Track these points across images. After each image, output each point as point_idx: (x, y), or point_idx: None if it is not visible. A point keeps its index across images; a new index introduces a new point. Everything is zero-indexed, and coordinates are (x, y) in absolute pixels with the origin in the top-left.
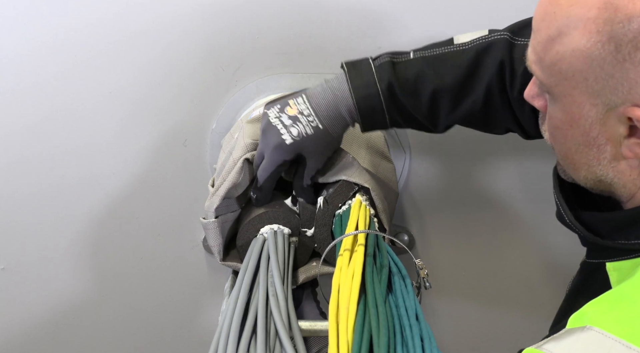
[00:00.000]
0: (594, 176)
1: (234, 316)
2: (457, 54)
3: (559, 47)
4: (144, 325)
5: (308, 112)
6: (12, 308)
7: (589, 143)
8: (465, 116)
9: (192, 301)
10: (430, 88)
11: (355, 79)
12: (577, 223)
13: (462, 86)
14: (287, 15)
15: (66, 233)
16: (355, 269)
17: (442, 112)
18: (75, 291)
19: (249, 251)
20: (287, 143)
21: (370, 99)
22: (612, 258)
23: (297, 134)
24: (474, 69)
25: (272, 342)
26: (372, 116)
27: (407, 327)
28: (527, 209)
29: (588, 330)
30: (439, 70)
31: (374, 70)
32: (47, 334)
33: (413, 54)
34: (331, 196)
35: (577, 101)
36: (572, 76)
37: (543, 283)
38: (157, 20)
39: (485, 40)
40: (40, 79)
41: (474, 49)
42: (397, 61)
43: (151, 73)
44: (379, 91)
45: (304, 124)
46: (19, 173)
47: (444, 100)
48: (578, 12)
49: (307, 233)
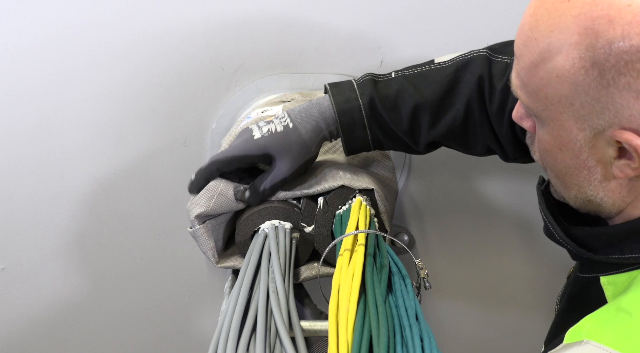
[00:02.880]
0: (585, 196)
1: (234, 314)
2: (438, 71)
3: (543, 73)
4: (144, 325)
5: (282, 115)
6: (12, 308)
7: (579, 166)
8: (446, 132)
9: (192, 301)
10: (410, 103)
11: (337, 95)
12: (567, 239)
13: (442, 100)
14: (287, 15)
15: (66, 233)
16: (356, 269)
17: (422, 128)
18: (75, 291)
19: (250, 247)
20: (255, 137)
21: (352, 113)
22: (606, 272)
23: (267, 131)
24: (453, 84)
25: (272, 340)
26: (353, 130)
27: (407, 327)
28: (527, 209)
29: (585, 343)
30: (420, 86)
31: (356, 86)
32: (47, 334)
33: (395, 74)
34: (331, 197)
35: (565, 126)
36: (558, 102)
37: (543, 283)
38: (158, 21)
39: (465, 58)
40: (41, 79)
41: (454, 66)
42: (379, 80)
43: (151, 73)
44: (360, 105)
45: (275, 123)
46: (19, 173)
47: (424, 115)
48: (559, 37)
49: (306, 230)
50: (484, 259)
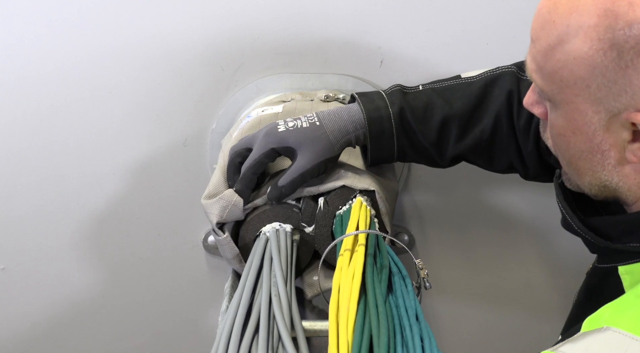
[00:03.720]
0: (599, 181)
1: (236, 318)
2: (466, 85)
3: (560, 55)
4: (143, 324)
5: (311, 115)
6: (12, 308)
7: (592, 149)
8: (473, 145)
9: (192, 301)
10: (440, 115)
11: (367, 103)
12: (585, 229)
13: (471, 114)
14: (287, 15)
15: (66, 233)
16: (356, 269)
17: (450, 140)
18: (75, 291)
19: (252, 251)
20: (279, 130)
21: (382, 122)
22: (624, 262)
23: (293, 126)
24: (482, 98)
25: (275, 343)
26: (381, 139)
27: (407, 327)
28: (528, 209)
29: (605, 330)
30: (449, 99)
31: (385, 96)
32: (47, 334)
33: (422, 87)
34: (332, 197)
35: (580, 108)
36: (574, 84)
37: (543, 283)
38: (157, 21)
39: (494, 73)
40: (41, 79)
41: (482, 80)
42: (408, 91)
43: (151, 73)
44: (390, 114)
45: (302, 120)
46: (19, 173)
47: (453, 127)
48: (578, 20)
49: (306, 230)
50: (484, 259)
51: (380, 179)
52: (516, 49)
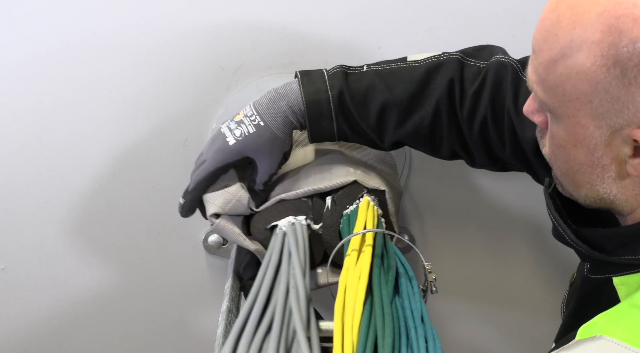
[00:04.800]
0: (596, 194)
1: (253, 311)
2: (409, 69)
3: (562, 69)
4: (143, 324)
5: (251, 113)
6: (12, 308)
7: (592, 163)
8: (412, 132)
9: (192, 301)
10: (379, 100)
11: (307, 85)
12: (579, 241)
13: (411, 100)
14: (287, 15)
15: (66, 233)
16: (363, 269)
17: (389, 126)
18: (75, 291)
19: (270, 246)
20: (230, 144)
21: (320, 105)
22: (619, 273)
23: (240, 134)
24: (423, 85)
25: (289, 338)
26: (320, 121)
27: (413, 328)
28: (528, 209)
29: (599, 339)
30: (390, 84)
31: (327, 78)
32: (47, 334)
33: (366, 68)
34: (340, 196)
35: (581, 123)
36: (576, 98)
37: (544, 283)
38: (157, 21)
39: (437, 59)
40: (41, 79)
41: (425, 66)
42: (350, 73)
43: (151, 73)
44: (329, 97)
45: (246, 124)
46: (19, 173)
47: (392, 113)
48: (581, 34)
49: (313, 227)
50: (484, 259)
51: (387, 177)
52: (516, 49)
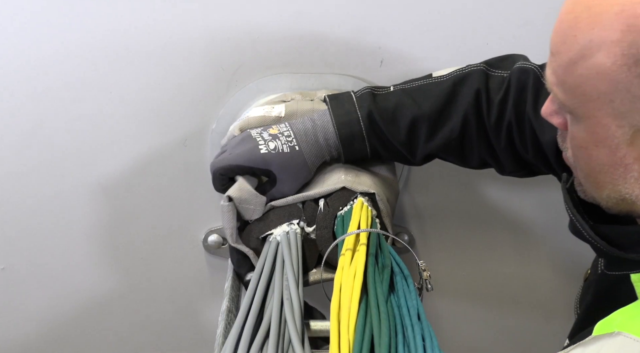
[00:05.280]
0: (618, 194)
1: (247, 320)
2: (435, 85)
3: (582, 70)
4: (143, 324)
5: (288, 133)
6: (12, 308)
7: (615, 163)
8: (443, 144)
9: (192, 301)
10: (409, 116)
11: (337, 108)
12: (597, 238)
13: (440, 114)
14: (287, 15)
15: (66, 233)
16: (357, 268)
17: (420, 140)
18: (75, 291)
19: (263, 254)
20: (262, 152)
21: (351, 126)
22: (636, 270)
23: (274, 148)
24: (451, 97)
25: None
26: (352, 143)
27: (409, 326)
28: (528, 209)
29: (617, 335)
30: (418, 99)
31: (355, 100)
32: (46, 334)
33: (393, 88)
34: (332, 199)
35: (602, 122)
36: (596, 98)
37: (544, 283)
38: (157, 21)
39: (462, 72)
40: (41, 79)
41: (451, 80)
42: (377, 93)
43: (151, 73)
44: (359, 117)
45: (282, 142)
46: (19, 173)
47: (422, 128)
48: (600, 34)
49: (306, 229)
50: (484, 259)
51: (381, 179)
52: (516, 49)
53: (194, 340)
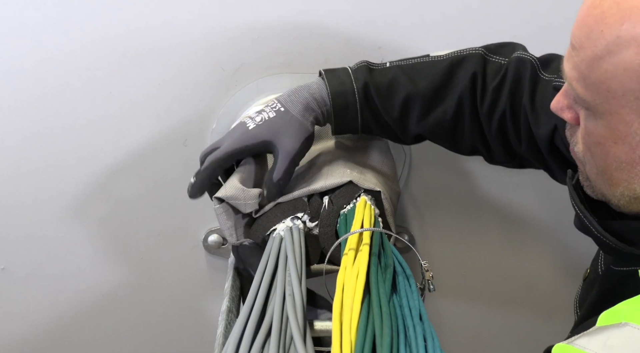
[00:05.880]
0: (632, 192)
1: (250, 318)
2: (432, 64)
3: (608, 66)
4: (143, 324)
5: (272, 102)
6: (12, 308)
7: (633, 161)
8: (435, 125)
9: (192, 301)
10: (403, 93)
11: (332, 79)
12: (607, 234)
13: (434, 94)
14: (287, 15)
15: (66, 233)
16: (360, 268)
17: (412, 119)
18: (74, 291)
19: (266, 251)
20: (250, 128)
21: (345, 96)
22: None
23: (260, 120)
24: (447, 78)
25: (287, 344)
26: (346, 113)
27: (411, 327)
28: (528, 208)
29: (624, 326)
30: (414, 77)
31: (351, 72)
32: (46, 334)
33: (390, 64)
34: (336, 196)
35: (625, 119)
36: (622, 95)
37: (544, 283)
38: (157, 21)
39: (460, 54)
40: (41, 79)
41: (448, 60)
42: (374, 68)
43: (151, 73)
44: (354, 88)
45: (267, 111)
46: (19, 173)
47: (415, 106)
48: (630, 31)
49: (309, 224)
50: (484, 259)
51: (384, 178)
52: None
53: (194, 340)
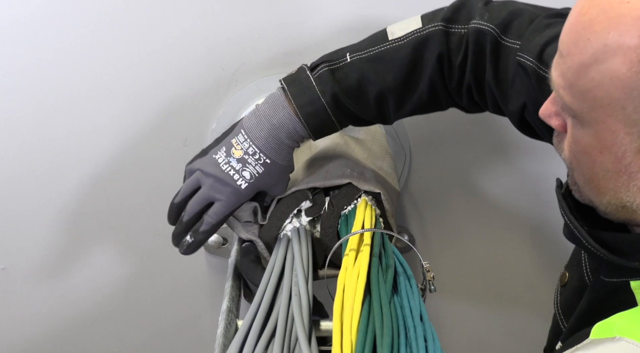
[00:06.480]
0: (619, 202)
1: (256, 317)
2: (394, 50)
3: (595, 74)
4: (144, 324)
5: (252, 150)
6: (12, 308)
7: (619, 170)
8: (413, 110)
9: (192, 301)
10: (374, 90)
11: (298, 97)
12: (597, 246)
13: (405, 84)
14: (287, 15)
15: (66, 233)
16: (361, 269)
17: (390, 111)
18: (74, 291)
19: (274, 252)
20: (243, 188)
21: (318, 115)
22: (637, 277)
23: (250, 177)
24: (413, 65)
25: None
26: (323, 130)
27: (412, 327)
28: (528, 208)
29: (618, 340)
30: (380, 71)
31: (314, 83)
32: (46, 334)
33: (349, 57)
34: (337, 197)
35: (611, 129)
36: (608, 104)
37: (544, 283)
38: (157, 20)
39: (420, 34)
40: (41, 79)
41: (410, 45)
42: (335, 67)
43: (151, 73)
44: (324, 104)
45: (252, 164)
46: (19, 173)
47: (389, 100)
48: (617, 39)
49: (308, 227)
50: (484, 259)
51: (384, 178)
52: None
53: (194, 340)
